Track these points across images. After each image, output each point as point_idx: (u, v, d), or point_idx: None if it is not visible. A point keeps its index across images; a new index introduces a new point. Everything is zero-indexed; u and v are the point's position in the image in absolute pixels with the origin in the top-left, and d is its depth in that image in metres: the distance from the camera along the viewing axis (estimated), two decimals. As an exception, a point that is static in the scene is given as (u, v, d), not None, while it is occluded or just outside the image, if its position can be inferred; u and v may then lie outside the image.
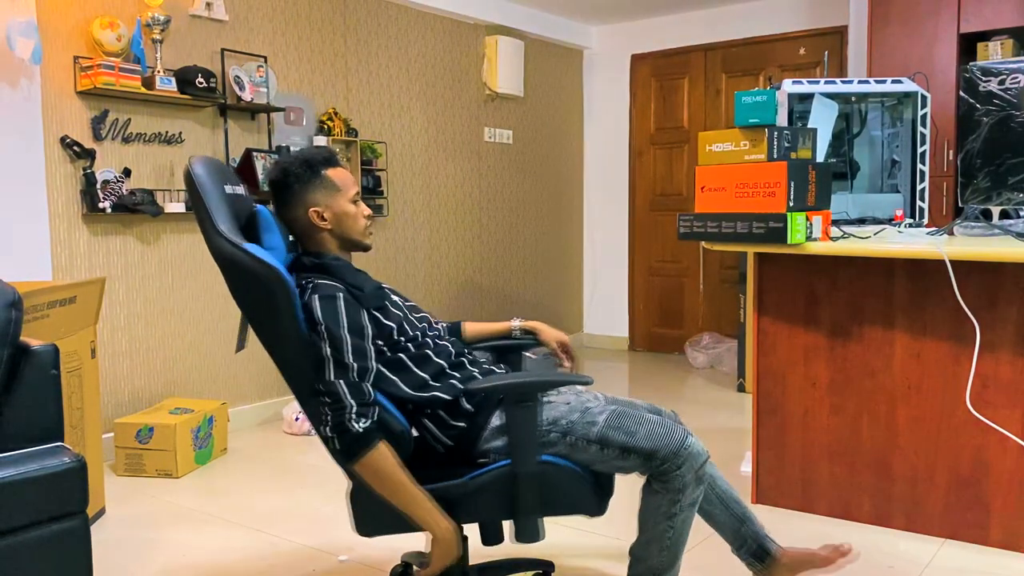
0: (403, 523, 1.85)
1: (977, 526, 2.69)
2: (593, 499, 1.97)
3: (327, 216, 2.00)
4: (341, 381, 1.79)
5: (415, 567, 2.28)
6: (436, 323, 2.19)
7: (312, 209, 1.99)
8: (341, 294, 1.87)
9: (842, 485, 2.92)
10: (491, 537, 2.03)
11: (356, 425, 1.76)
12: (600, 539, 2.82)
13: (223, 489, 3.38)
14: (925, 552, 2.66)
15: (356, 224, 2.03)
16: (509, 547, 2.21)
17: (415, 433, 1.99)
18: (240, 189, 2.02)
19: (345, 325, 1.83)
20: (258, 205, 1.99)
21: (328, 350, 1.81)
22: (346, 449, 1.78)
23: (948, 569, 2.55)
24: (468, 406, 1.94)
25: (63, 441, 2.04)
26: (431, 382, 1.95)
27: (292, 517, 3.04)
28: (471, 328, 2.28)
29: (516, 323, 2.26)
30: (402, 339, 1.96)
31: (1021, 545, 2.63)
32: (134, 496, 3.29)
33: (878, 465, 2.85)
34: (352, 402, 1.78)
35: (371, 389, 1.83)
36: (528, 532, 1.89)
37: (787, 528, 2.88)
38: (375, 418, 1.80)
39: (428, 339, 2.03)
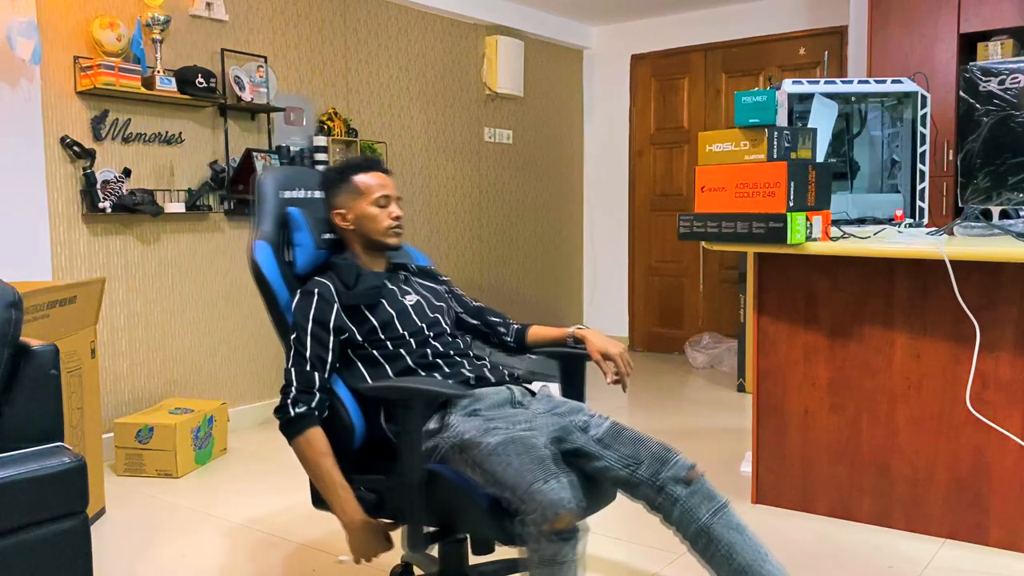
0: None
1: (977, 526, 2.69)
2: (488, 522, 1.78)
3: (349, 218, 2.13)
4: (294, 369, 1.95)
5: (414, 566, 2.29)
6: (506, 323, 2.29)
7: (335, 211, 2.15)
8: (318, 290, 2.02)
9: (842, 485, 2.92)
10: (479, 547, 2.08)
11: (292, 410, 1.92)
12: (599, 539, 2.82)
13: (223, 489, 3.38)
14: (925, 552, 2.66)
15: (376, 225, 2.11)
16: (507, 548, 2.21)
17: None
18: (311, 193, 2.24)
19: (311, 318, 1.99)
20: (289, 208, 2.16)
21: (293, 339, 1.98)
22: (281, 429, 1.94)
23: (948, 569, 2.55)
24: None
25: (63, 441, 2.04)
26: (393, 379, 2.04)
27: (292, 517, 3.04)
28: (533, 332, 2.29)
29: (571, 330, 2.21)
30: (383, 336, 2.04)
31: (1021, 545, 2.63)
32: (134, 496, 3.29)
33: (878, 465, 2.85)
34: (295, 389, 1.93)
35: (322, 379, 1.95)
36: (412, 541, 1.91)
37: (787, 528, 2.89)
38: (313, 406, 1.92)
39: (412, 339, 2.07)
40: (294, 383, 1.93)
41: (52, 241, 3.54)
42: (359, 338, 2.03)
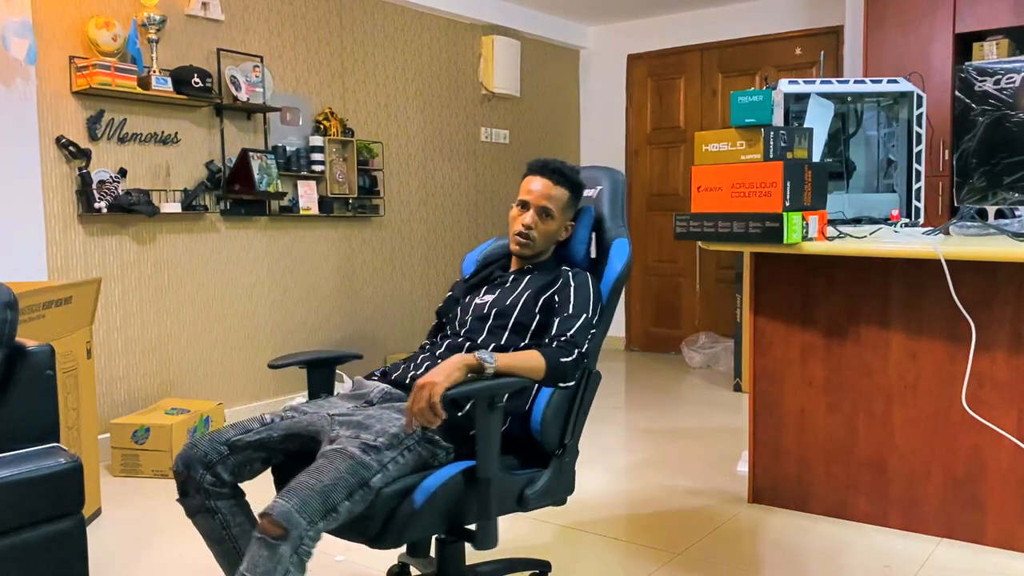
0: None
1: (973, 525, 2.70)
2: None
3: (510, 214, 2.27)
4: None
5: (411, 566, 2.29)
6: (541, 341, 2.08)
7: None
8: (457, 280, 2.39)
9: (839, 484, 2.93)
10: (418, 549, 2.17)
11: None
12: (597, 539, 2.83)
13: (219, 489, 3.37)
14: (921, 551, 2.67)
15: (510, 227, 2.23)
16: (506, 548, 2.21)
17: None
18: (590, 192, 2.34)
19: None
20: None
21: None
22: None
23: (944, 568, 2.56)
24: None
25: (59, 442, 2.04)
26: None
27: (289, 517, 3.03)
28: None
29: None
30: (445, 323, 2.28)
31: (1017, 544, 2.63)
32: (130, 497, 3.28)
33: (874, 464, 2.86)
34: None
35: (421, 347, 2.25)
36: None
37: (783, 528, 2.89)
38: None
39: (446, 331, 2.23)
40: None
41: (48, 241, 3.53)
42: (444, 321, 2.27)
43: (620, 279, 2.15)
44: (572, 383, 2.01)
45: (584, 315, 2.03)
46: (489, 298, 2.19)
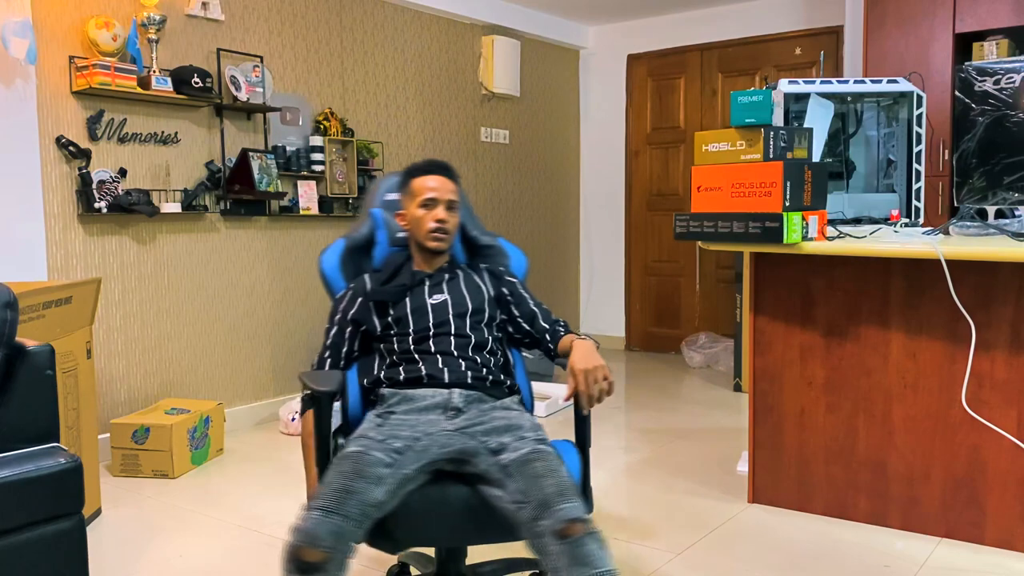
0: None
1: (973, 525, 2.70)
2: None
3: (406, 218, 2.21)
4: (318, 354, 2.19)
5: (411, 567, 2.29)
6: (554, 331, 2.19)
7: (396, 212, 2.26)
8: (354, 286, 2.20)
9: (838, 484, 2.93)
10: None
11: (302, 395, 2.01)
12: (597, 539, 2.82)
13: (219, 490, 3.37)
14: (921, 551, 2.67)
15: (420, 227, 2.17)
16: (506, 548, 2.21)
17: None
18: (395, 195, 2.33)
19: (341, 309, 2.18)
20: (372, 209, 2.35)
21: (326, 328, 2.20)
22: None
23: (944, 568, 2.56)
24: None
25: (59, 442, 2.04)
26: (380, 374, 2.13)
27: (288, 517, 3.02)
28: (561, 342, 2.18)
29: (572, 341, 2.10)
30: (395, 331, 2.13)
31: (1017, 544, 2.63)
32: (130, 497, 3.28)
33: (874, 464, 2.86)
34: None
35: (332, 367, 2.15)
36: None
37: (784, 528, 2.89)
38: (309, 393, 1.95)
39: (416, 335, 2.10)
40: (313, 367, 2.16)
41: (48, 241, 3.53)
42: (377, 331, 2.14)
43: (525, 275, 2.39)
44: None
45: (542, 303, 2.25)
46: (441, 297, 2.14)
